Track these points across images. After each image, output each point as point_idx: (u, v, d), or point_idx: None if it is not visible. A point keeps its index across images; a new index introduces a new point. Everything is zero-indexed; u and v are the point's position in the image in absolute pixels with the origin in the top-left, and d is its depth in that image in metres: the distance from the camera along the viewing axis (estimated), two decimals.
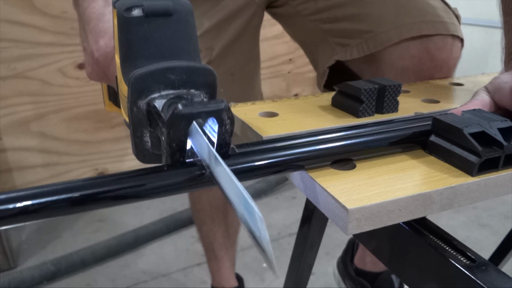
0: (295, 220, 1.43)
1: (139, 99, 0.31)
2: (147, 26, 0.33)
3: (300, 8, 0.70)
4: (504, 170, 0.34)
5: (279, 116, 0.45)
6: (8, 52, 1.22)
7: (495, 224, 1.41)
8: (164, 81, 0.31)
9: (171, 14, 0.33)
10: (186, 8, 0.34)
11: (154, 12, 0.33)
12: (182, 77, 0.31)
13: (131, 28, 0.33)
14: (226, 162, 0.29)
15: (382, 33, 0.62)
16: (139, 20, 0.33)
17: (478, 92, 0.41)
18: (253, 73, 0.78)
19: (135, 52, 0.33)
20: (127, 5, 0.33)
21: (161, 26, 0.33)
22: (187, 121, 0.28)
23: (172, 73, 0.31)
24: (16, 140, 1.31)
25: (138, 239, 1.30)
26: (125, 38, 0.34)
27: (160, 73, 0.31)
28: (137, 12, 0.33)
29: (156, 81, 0.31)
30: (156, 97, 0.31)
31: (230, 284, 0.99)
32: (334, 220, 0.30)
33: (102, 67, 0.41)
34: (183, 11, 0.34)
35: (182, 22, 0.34)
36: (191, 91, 0.32)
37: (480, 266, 0.29)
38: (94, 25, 0.40)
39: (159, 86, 0.31)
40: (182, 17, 0.34)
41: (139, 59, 0.33)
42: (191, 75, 0.32)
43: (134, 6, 0.33)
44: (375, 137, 0.35)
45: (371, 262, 0.94)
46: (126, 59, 0.34)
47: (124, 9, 0.33)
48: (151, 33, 0.33)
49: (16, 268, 1.20)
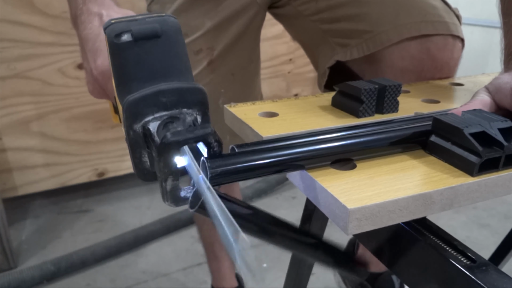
0: (295, 220, 1.43)
1: (134, 123, 0.32)
2: (137, 49, 0.34)
3: (301, 9, 0.70)
4: (504, 170, 0.34)
5: (279, 116, 0.45)
6: (8, 52, 1.22)
7: (495, 224, 1.41)
8: (156, 104, 0.32)
9: (159, 36, 0.34)
10: (174, 28, 0.35)
11: (143, 36, 0.34)
12: (173, 99, 0.32)
13: (121, 53, 0.34)
14: (225, 161, 0.30)
15: (382, 33, 0.62)
16: (129, 44, 0.34)
17: (479, 92, 0.41)
18: (254, 73, 0.78)
19: (128, 75, 0.34)
20: (117, 31, 0.34)
21: (151, 49, 0.34)
22: (176, 148, 0.29)
23: (163, 96, 0.32)
24: (16, 140, 1.31)
25: (138, 239, 1.30)
26: (117, 63, 0.34)
27: (152, 97, 0.32)
28: (126, 37, 0.34)
29: (149, 105, 0.32)
30: (150, 120, 0.32)
31: (230, 284, 1.00)
32: (334, 220, 0.30)
33: (101, 84, 0.42)
34: (171, 31, 0.35)
35: (171, 42, 0.35)
36: (183, 110, 0.33)
37: (480, 266, 0.29)
38: (92, 45, 0.42)
39: (152, 109, 0.32)
40: (170, 38, 0.35)
41: (132, 82, 0.33)
42: (182, 95, 0.33)
43: (123, 31, 0.34)
44: (375, 137, 0.35)
45: (371, 263, 0.94)
46: (120, 83, 0.34)
47: (114, 35, 0.34)
48: (142, 56, 0.34)
49: (16, 268, 1.21)
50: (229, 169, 0.30)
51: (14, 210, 1.46)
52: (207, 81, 0.70)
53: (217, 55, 0.69)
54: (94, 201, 1.55)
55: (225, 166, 0.29)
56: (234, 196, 0.97)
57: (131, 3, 1.27)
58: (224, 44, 0.69)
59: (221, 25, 0.68)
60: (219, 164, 0.29)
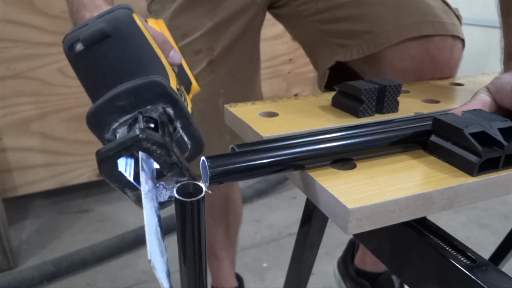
0: (295, 220, 1.43)
1: (103, 134, 0.31)
2: (92, 56, 0.32)
3: (300, 9, 0.70)
4: (504, 170, 0.34)
5: (279, 116, 0.45)
6: (8, 52, 1.22)
7: (495, 224, 1.41)
8: (115, 110, 0.30)
9: (109, 35, 0.32)
10: (125, 21, 0.33)
11: (92, 41, 0.32)
12: (131, 99, 0.30)
13: (79, 64, 0.33)
14: (225, 161, 0.29)
15: (382, 33, 0.62)
16: (82, 54, 0.32)
17: (479, 92, 0.41)
18: (254, 73, 0.78)
19: (93, 84, 0.32)
20: (69, 43, 0.32)
21: (105, 51, 0.32)
22: (109, 164, 0.27)
23: (119, 100, 0.30)
24: (16, 140, 1.31)
25: (138, 239, 1.30)
26: (80, 75, 0.33)
27: (108, 105, 0.30)
28: (79, 47, 0.32)
29: (108, 113, 0.30)
30: (117, 127, 0.31)
31: (230, 284, 0.99)
32: (335, 220, 0.30)
33: None
34: (121, 26, 0.33)
35: (124, 38, 0.33)
36: (147, 108, 0.31)
37: (480, 266, 0.29)
38: None
39: (114, 116, 0.30)
40: (122, 33, 0.33)
41: (100, 89, 0.32)
42: (138, 94, 0.30)
43: (74, 42, 0.32)
44: (375, 137, 0.35)
45: (371, 263, 0.94)
46: (89, 94, 0.33)
47: (68, 48, 0.32)
48: (99, 62, 0.32)
49: (16, 268, 1.21)
50: (229, 169, 0.30)
51: (14, 210, 1.46)
52: (207, 81, 0.70)
53: (217, 55, 0.69)
54: (94, 201, 1.55)
55: (225, 166, 0.29)
56: (234, 196, 0.97)
57: (131, 3, 1.27)
58: (224, 44, 0.69)
59: (221, 25, 0.68)
60: (219, 164, 0.29)
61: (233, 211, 0.92)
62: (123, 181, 0.28)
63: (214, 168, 0.29)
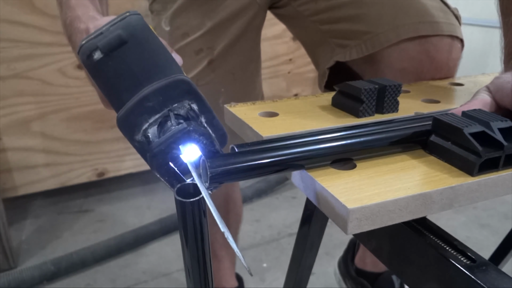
0: (295, 220, 1.43)
1: (134, 136, 0.32)
2: (111, 63, 0.33)
3: (301, 9, 0.70)
4: (504, 170, 0.34)
5: (279, 116, 0.45)
6: (8, 52, 1.22)
7: (495, 224, 1.41)
8: (144, 111, 0.32)
9: (126, 41, 0.33)
10: (138, 26, 0.34)
11: (111, 48, 0.33)
12: (159, 99, 0.32)
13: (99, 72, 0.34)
14: (225, 161, 0.30)
15: (380, 34, 0.62)
16: (102, 61, 0.33)
17: (479, 91, 0.41)
18: (254, 73, 0.78)
19: (114, 90, 0.34)
20: (87, 52, 0.33)
21: (124, 57, 0.33)
22: (162, 157, 0.29)
23: (148, 101, 0.32)
24: (16, 140, 1.31)
25: (138, 239, 1.30)
26: (100, 83, 0.34)
27: (137, 106, 0.32)
28: (97, 56, 0.33)
29: (138, 114, 0.32)
30: (147, 127, 0.32)
31: (230, 284, 0.99)
32: (335, 220, 0.30)
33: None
34: (136, 31, 0.34)
35: (140, 43, 0.34)
36: (174, 106, 0.33)
37: (480, 266, 0.29)
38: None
39: (144, 117, 0.32)
40: (138, 38, 0.34)
41: (121, 94, 0.33)
42: (165, 93, 0.32)
43: (92, 50, 0.33)
44: (375, 137, 0.35)
45: (371, 263, 0.94)
46: (111, 100, 0.34)
47: (85, 57, 0.33)
48: (120, 67, 0.33)
49: (16, 268, 1.20)
50: (229, 169, 0.30)
51: (14, 210, 1.46)
52: (208, 81, 0.70)
53: (217, 54, 0.69)
54: (94, 201, 1.55)
55: (225, 166, 0.29)
56: (234, 196, 0.97)
57: (131, 3, 1.27)
58: (224, 44, 0.69)
59: (222, 25, 0.68)
60: (219, 164, 0.29)
61: (233, 211, 0.92)
62: (171, 173, 0.30)
63: (214, 168, 0.29)
